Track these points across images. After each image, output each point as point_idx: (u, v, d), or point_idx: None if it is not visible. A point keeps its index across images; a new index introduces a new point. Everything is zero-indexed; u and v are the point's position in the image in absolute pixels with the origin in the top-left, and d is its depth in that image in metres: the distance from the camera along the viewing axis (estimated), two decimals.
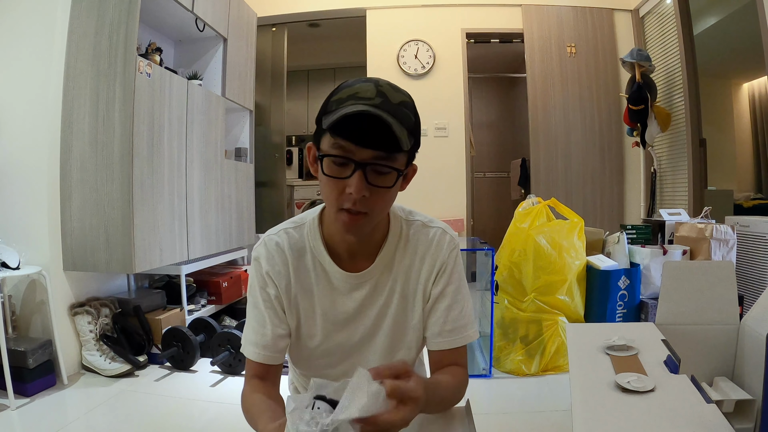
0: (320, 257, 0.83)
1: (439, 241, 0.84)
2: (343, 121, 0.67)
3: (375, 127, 0.68)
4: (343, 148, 0.69)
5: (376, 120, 0.67)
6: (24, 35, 2.26)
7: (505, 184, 5.58)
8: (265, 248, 0.83)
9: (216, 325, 2.55)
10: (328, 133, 0.70)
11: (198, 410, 1.99)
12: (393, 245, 0.84)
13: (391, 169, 0.71)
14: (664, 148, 3.72)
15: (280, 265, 0.82)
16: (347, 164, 0.70)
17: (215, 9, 2.93)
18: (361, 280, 0.83)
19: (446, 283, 0.83)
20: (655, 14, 3.77)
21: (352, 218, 0.72)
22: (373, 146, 0.69)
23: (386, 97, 0.69)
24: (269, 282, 0.82)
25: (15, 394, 1.93)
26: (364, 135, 0.68)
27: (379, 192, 0.72)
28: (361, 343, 0.85)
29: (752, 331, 1.19)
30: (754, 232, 2.39)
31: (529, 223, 2.42)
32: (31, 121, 2.25)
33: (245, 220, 3.41)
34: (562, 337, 2.26)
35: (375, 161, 0.70)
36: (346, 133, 0.68)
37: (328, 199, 0.74)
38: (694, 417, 0.77)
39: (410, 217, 0.87)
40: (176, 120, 2.57)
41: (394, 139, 0.68)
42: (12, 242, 2.14)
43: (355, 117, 0.67)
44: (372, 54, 4.04)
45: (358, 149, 0.69)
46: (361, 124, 0.67)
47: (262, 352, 0.80)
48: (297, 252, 0.83)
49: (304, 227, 0.85)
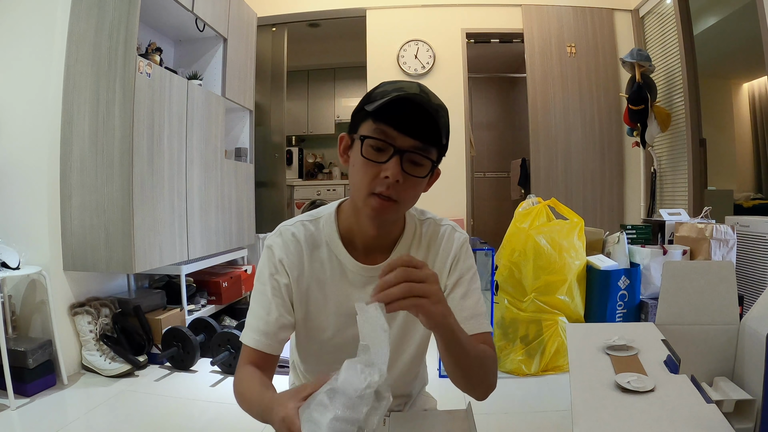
0: (336, 250, 0.83)
1: (449, 237, 0.87)
2: (389, 107, 0.70)
3: (418, 117, 0.71)
4: (385, 133, 0.72)
5: (420, 110, 0.71)
6: (24, 35, 2.26)
7: (505, 184, 5.58)
8: (281, 238, 0.84)
9: (216, 325, 2.55)
10: (371, 119, 0.73)
11: (198, 410, 1.99)
12: (408, 241, 0.86)
13: (427, 159, 0.74)
14: (664, 148, 3.72)
15: (295, 255, 0.82)
16: (386, 149, 0.72)
17: (215, 9, 2.93)
18: (376, 273, 0.83)
19: (460, 274, 0.85)
20: (655, 14, 3.76)
21: (382, 203, 0.74)
22: (413, 135, 0.72)
23: (429, 96, 0.73)
24: (281, 270, 0.82)
25: (15, 394, 1.93)
26: (407, 122, 0.71)
27: (411, 181, 0.74)
28: None
29: (752, 331, 1.19)
30: (754, 232, 2.39)
31: (529, 223, 2.42)
32: (31, 121, 2.25)
33: (245, 220, 3.42)
34: (562, 337, 2.26)
35: (413, 150, 0.73)
36: (389, 119, 0.71)
37: (360, 182, 0.75)
38: (694, 417, 0.77)
39: (423, 216, 0.89)
40: (176, 120, 2.57)
41: (435, 131, 0.72)
42: (12, 242, 2.14)
43: (399, 105, 0.70)
44: (372, 54, 4.04)
45: (400, 136, 0.72)
46: (405, 111, 0.71)
47: (263, 340, 0.79)
48: (312, 244, 0.84)
49: (320, 221, 0.86)
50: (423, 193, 0.81)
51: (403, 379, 0.89)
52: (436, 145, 0.74)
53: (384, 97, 0.72)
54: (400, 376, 0.88)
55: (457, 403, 1.99)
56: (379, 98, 0.73)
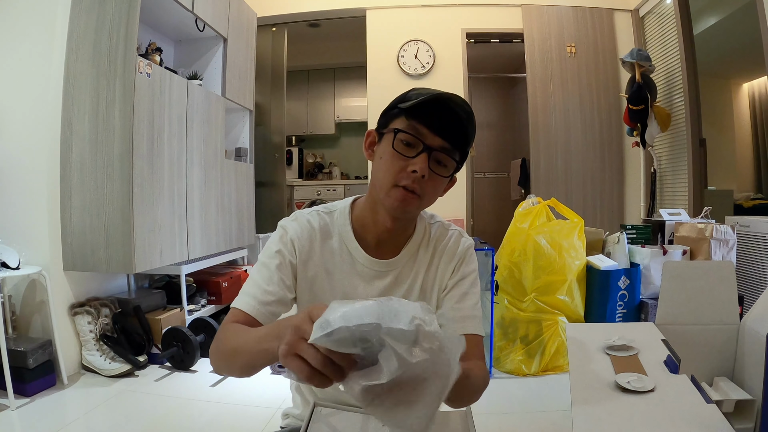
0: (347, 241, 0.85)
1: (456, 240, 0.90)
2: (425, 105, 0.74)
3: (451, 119, 0.76)
4: (417, 129, 0.76)
5: (453, 113, 0.75)
6: (24, 35, 2.26)
7: (505, 184, 5.58)
8: (297, 222, 0.85)
9: (216, 325, 2.55)
10: (404, 117, 0.77)
11: (198, 410, 1.99)
12: (418, 240, 0.88)
13: (452, 161, 0.79)
14: (664, 148, 3.72)
15: (307, 240, 0.84)
16: (416, 145, 0.76)
17: (215, 9, 2.93)
18: (385, 269, 0.86)
19: (462, 276, 0.87)
20: (655, 14, 3.76)
21: (406, 195, 0.77)
22: (444, 135, 0.76)
23: (463, 104, 0.77)
24: (291, 248, 0.83)
25: (15, 394, 1.93)
26: (440, 123, 0.76)
27: (434, 179, 0.78)
28: None
29: (752, 331, 1.19)
30: (754, 232, 2.39)
31: (529, 223, 2.42)
32: (31, 121, 2.25)
33: (245, 220, 3.41)
34: (562, 337, 2.26)
35: (441, 149, 0.77)
36: (424, 118, 0.76)
37: (386, 173, 0.77)
38: (694, 417, 0.77)
39: (432, 219, 0.93)
40: (176, 120, 2.57)
41: (464, 135, 0.77)
42: (12, 242, 2.14)
43: (436, 105, 0.74)
44: (372, 54, 4.04)
45: (431, 134, 0.76)
46: (440, 112, 0.75)
47: (257, 306, 0.77)
48: (325, 233, 0.86)
49: (335, 213, 0.88)
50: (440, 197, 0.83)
51: None
52: (461, 149, 0.79)
53: (419, 96, 0.75)
54: None
55: None
56: (414, 98, 0.76)
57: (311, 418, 0.85)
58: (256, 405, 2.00)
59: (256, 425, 1.85)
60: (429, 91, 0.76)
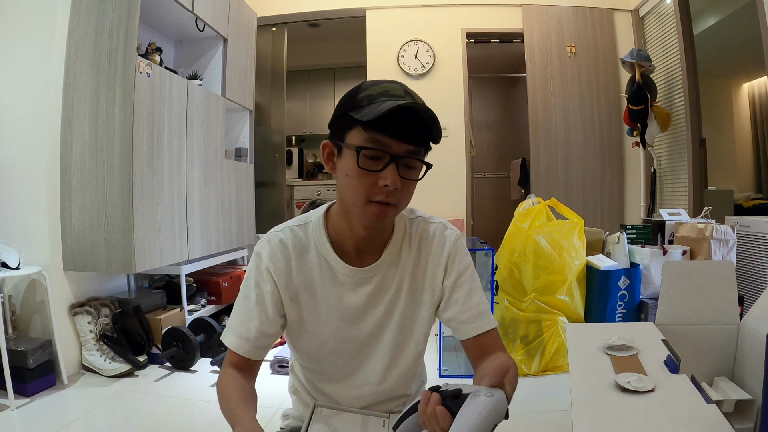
0: (325, 253, 0.83)
1: (440, 235, 0.87)
2: (385, 116, 0.69)
3: (414, 123, 0.72)
4: (379, 141, 0.71)
5: (415, 116, 0.71)
6: (24, 35, 2.26)
7: (505, 184, 5.58)
8: (269, 244, 0.83)
9: (216, 325, 2.55)
10: (360, 127, 0.72)
11: (198, 410, 1.99)
12: (399, 241, 0.85)
13: (421, 162, 0.75)
14: (664, 148, 3.72)
15: (282, 261, 0.82)
16: (381, 157, 0.72)
17: (215, 9, 2.93)
18: (368, 275, 0.83)
19: (459, 272, 0.84)
20: (655, 14, 3.76)
21: (382, 209, 0.74)
22: (409, 141, 0.72)
23: (414, 97, 0.73)
24: (267, 278, 0.82)
25: (15, 394, 1.93)
26: (404, 129, 0.72)
27: (407, 185, 0.75)
28: (371, 338, 0.85)
29: (752, 331, 1.19)
30: (754, 232, 2.39)
31: (529, 223, 2.42)
32: (31, 121, 2.25)
33: (245, 220, 3.42)
34: (562, 337, 2.26)
35: (408, 155, 0.73)
36: (385, 128, 0.71)
37: (356, 191, 0.74)
38: (694, 417, 0.77)
39: (412, 215, 0.89)
40: (176, 120, 2.57)
41: (429, 134, 0.74)
42: (12, 242, 2.14)
43: (395, 113, 0.69)
44: (372, 54, 4.04)
45: (396, 143, 0.72)
46: (402, 119, 0.71)
47: (244, 345, 0.80)
48: (300, 249, 0.84)
49: (309, 225, 0.85)
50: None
51: (403, 380, 0.89)
52: (427, 146, 0.76)
53: (371, 102, 0.71)
54: (399, 377, 0.88)
55: None
56: (365, 104, 0.72)
57: (311, 418, 0.85)
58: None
59: None
60: (381, 90, 0.72)
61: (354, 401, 0.89)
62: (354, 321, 0.84)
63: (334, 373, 0.88)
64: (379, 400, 0.89)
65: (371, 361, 0.86)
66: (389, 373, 0.87)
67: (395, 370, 0.87)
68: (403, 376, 0.88)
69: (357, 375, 0.87)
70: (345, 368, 0.87)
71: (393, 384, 0.88)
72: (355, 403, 0.89)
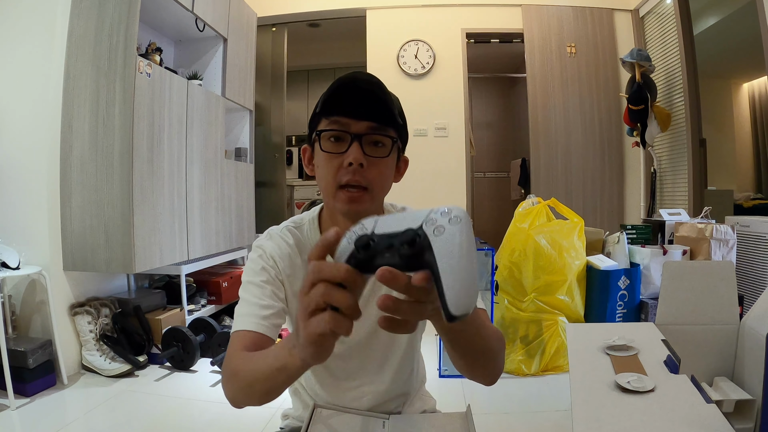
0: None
1: None
2: (334, 97, 0.71)
3: (365, 98, 0.72)
4: (338, 122, 0.73)
5: (364, 91, 0.72)
6: (24, 35, 2.26)
7: (505, 184, 5.58)
8: (272, 240, 0.83)
9: (216, 325, 2.55)
10: (323, 118, 0.74)
11: (198, 410, 1.99)
12: None
13: (386, 138, 0.75)
14: (664, 148, 3.72)
15: (287, 257, 0.82)
16: (344, 138, 0.73)
17: (215, 9, 2.93)
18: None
19: None
20: (655, 14, 3.76)
21: (352, 195, 0.73)
22: (367, 117, 0.73)
23: (369, 77, 0.73)
24: (273, 264, 0.81)
25: (15, 394, 1.93)
26: (358, 106, 0.72)
27: (375, 164, 0.74)
28: (367, 339, 0.85)
29: (752, 331, 1.19)
30: (754, 232, 2.39)
31: (529, 223, 2.42)
32: (31, 121, 2.25)
33: (245, 220, 3.41)
34: (562, 337, 2.26)
35: (370, 131, 0.73)
36: (338, 110, 0.73)
37: (326, 178, 0.75)
38: (694, 417, 0.77)
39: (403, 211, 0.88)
40: (176, 120, 2.57)
41: (387, 108, 0.73)
42: (12, 242, 2.14)
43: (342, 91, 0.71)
44: (372, 54, 4.04)
45: (354, 122, 0.73)
46: (351, 95, 0.72)
47: (260, 321, 0.74)
48: (300, 249, 0.84)
49: (304, 227, 0.86)
50: (395, 183, 0.80)
51: (400, 377, 0.89)
52: (392, 123, 0.75)
53: (327, 91, 0.73)
54: (395, 375, 0.88)
55: (456, 402, 2.00)
56: (325, 95, 0.74)
57: (311, 419, 0.84)
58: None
59: (256, 425, 1.84)
60: (336, 81, 0.73)
61: (353, 402, 0.89)
62: None
63: (334, 374, 0.88)
64: (378, 400, 0.89)
65: (367, 362, 0.87)
66: (385, 372, 0.87)
67: (391, 368, 0.87)
68: (399, 373, 0.88)
69: (354, 376, 0.87)
70: (342, 371, 0.87)
71: (391, 382, 0.88)
72: (355, 404, 0.89)
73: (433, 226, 0.39)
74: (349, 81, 0.72)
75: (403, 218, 0.41)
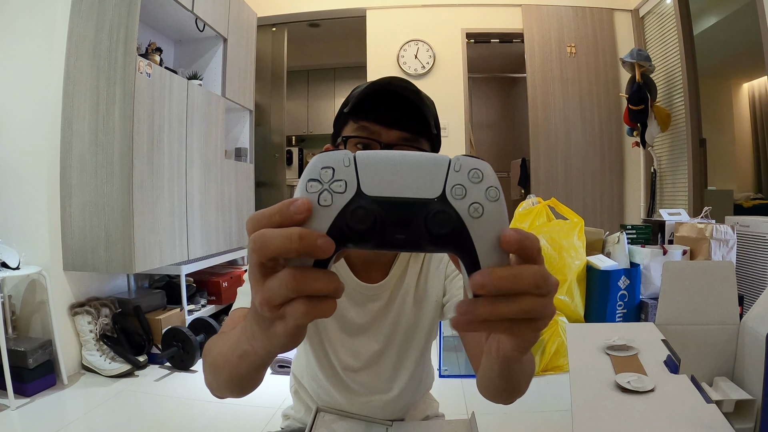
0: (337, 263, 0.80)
1: None
2: (366, 100, 0.65)
3: (401, 106, 0.66)
4: (368, 129, 0.67)
5: (401, 98, 0.65)
6: (24, 35, 2.26)
7: (505, 184, 5.58)
8: None
9: (216, 325, 2.55)
10: (351, 121, 0.68)
11: (198, 410, 1.99)
12: (406, 256, 0.81)
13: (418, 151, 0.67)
14: (664, 148, 3.72)
15: None
16: (372, 147, 0.66)
17: (215, 9, 2.93)
18: (375, 292, 0.79)
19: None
20: (655, 14, 3.77)
21: None
22: (400, 127, 0.66)
23: (407, 83, 0.67)
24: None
25: (15, 394, 1.93)
26: (391, 114, 0.66)
27: None
28: (379, 353, 0.82)
29: (752, 331, 1.19)
30: (754, 232, 2.39)
31: (529, 223, 2.42)
32: (31, 122, 2.25)
33: (245, 220, 3.41)
34: (562, 337, 2.26)
35: (402, 143, 0.67)
36: (370, 115, 0.66)
37: None
38: (694, 417, 0.77)
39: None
40: (176, 120, 2.57)
41: (422, 119, 0.66)
42: (12, 242, 2.14)
43: (377, 97, 0.65)
44: (372, 54, 4.04)
45: (385, 130, 0.67)
46: (387, 103, 0.65)
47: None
48: None
49: None
50: None
51: (409, 387, 0.86)
52: (426, 135, 0.68)
53: (358, 93, 0.68)
54: (405, 386, 0.84)
55: (456, 403, 2.00)
56: (353, 96, 0.68)
57: (314, 423, 0.84)
58: (256, 405, 1.99)
59: (256, 425, 1.84)
60: (369, 83, 0.68)
61: (358, 408, 0.86)
62: (359, 335, 0.81)
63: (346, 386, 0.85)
64: (385, 408, 0.86)
65: (378, 374, 0.84)
66: (395, 384, 0.84)
67: (401, 380, 0.84)
68: (409, 384, 0.85)
69: (364, 388, 0.84)
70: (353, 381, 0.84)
71: (400, 393, 0.85)
72: (360, 410, 0.86)
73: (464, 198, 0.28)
74: (383, 85, 0.66)
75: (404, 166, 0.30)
